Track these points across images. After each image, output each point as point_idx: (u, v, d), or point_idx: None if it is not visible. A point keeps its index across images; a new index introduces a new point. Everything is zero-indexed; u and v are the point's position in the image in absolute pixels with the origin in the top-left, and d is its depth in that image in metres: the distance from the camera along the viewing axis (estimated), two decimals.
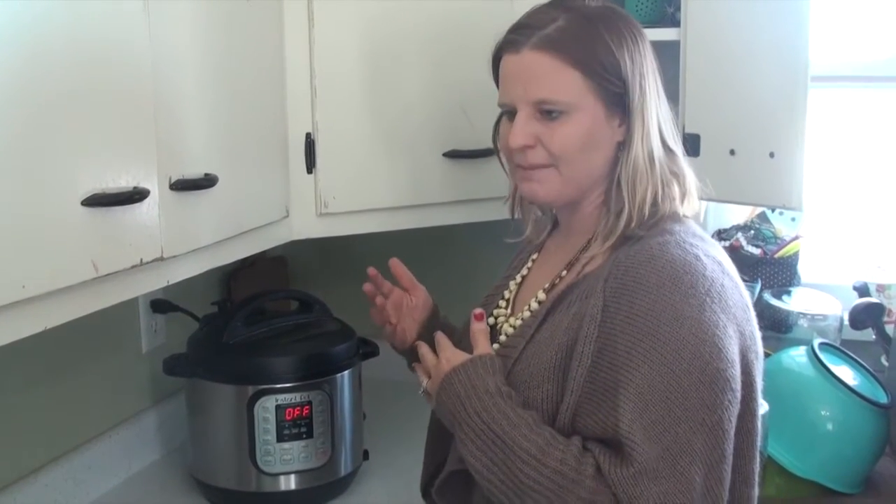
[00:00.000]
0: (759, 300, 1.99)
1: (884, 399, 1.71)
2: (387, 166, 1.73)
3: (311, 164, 1.66)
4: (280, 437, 1.68)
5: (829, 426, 1.67)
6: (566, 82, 1.20)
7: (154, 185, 1.25)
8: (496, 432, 1.14)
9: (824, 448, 1.67)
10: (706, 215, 2.09)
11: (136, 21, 1.22)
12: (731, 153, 1.68)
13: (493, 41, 1.27)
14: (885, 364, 1.88)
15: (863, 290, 1.97)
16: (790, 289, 2.07)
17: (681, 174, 1.26)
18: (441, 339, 1.28)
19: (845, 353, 1.79)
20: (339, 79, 1.67)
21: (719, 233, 2.16)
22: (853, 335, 1.94)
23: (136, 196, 1.20)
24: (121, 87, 1.19)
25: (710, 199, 1.63)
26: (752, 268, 2.08)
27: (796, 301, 2.02)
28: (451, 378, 1.20)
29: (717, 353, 1.10)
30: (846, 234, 2.21)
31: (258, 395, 1.67)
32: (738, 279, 1.21)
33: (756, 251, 2.10)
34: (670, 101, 1.29)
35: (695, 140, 1.70)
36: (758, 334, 1.21)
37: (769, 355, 1.70)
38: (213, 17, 1.40)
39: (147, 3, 1.23)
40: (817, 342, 1.75)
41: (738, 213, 2.19)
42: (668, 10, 1.85)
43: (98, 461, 1.77)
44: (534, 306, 1.28)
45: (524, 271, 1.39)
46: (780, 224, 2.13)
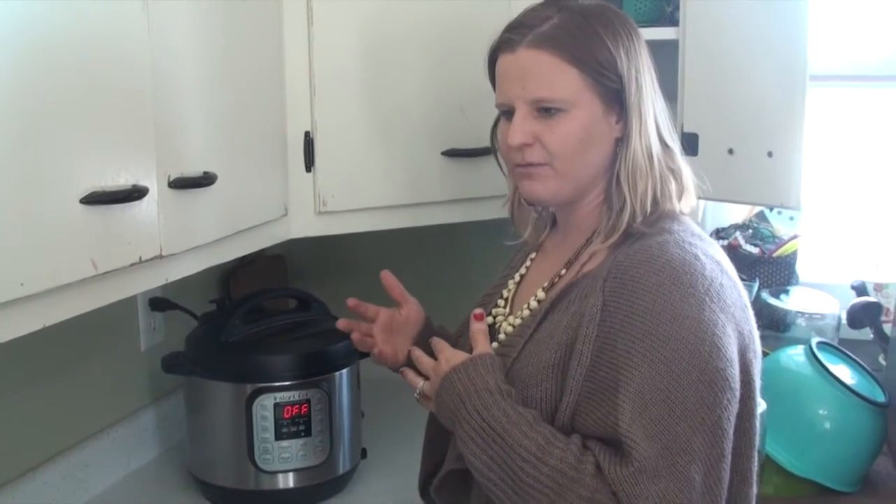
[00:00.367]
0: (758, 299, 2.00)
1: (881, 398, 1.71)
2: (385, 165, 1.73)
3: (309, 163, 1.67)
4: (278, 436, 1.68)
5: (827, 425, 1.68)
6: (563, 80, 1.20)
7: (153, 183, 1.25)
8: (496, 430, 1.14)
9: (822, 447, 1.68)
10: (704, 214, 2.09)
11: (136, 19, 1.22)
12: (730, 152, 1.68)
13: (491, 40, 1.27)
14: (883, 363, 1.88)
15: (861, 290, 1.97)
16: (788, 288, 2.07)
17: (678, 170, 1.26)
18: (437, 342, 1.29)
19: (843, 352, 1.79)
20: (337, 77, 1.67)
21: (717, 232, 2.16)
22: (851, 334, 1.94)
23: (135, 194, 1.20)
24: (120, 85, 1.19)
25: (709, 199, 1.64)
26: (750, 267, 2.08)
27: (794, 300, 2.02)
28: (451, 377, 1.20)
29: (716, 352, 1.10)
30: (844, 233, 2.21)
31: (257, 393, 1.67)
32: (737, 278, 1.21)
33: (754, 250, 2.10)
34: (668, 101, 1.29)
35: (693, 139, 1.69)
36: (756, 333, 1.21)
37: (767, 354, 1.70)
38: (212, 15, 1.40)
39: (146, 2, 1.23)
40: (815, 341, 1.75)
41: (737, 213, 2.19)
42: (666, 9, 1.85)
43: (96, 459, 1.77)
44: (533, 305, 1.28)
45: (523, 270, 1.39)
46: (779, 223, 2.14)
